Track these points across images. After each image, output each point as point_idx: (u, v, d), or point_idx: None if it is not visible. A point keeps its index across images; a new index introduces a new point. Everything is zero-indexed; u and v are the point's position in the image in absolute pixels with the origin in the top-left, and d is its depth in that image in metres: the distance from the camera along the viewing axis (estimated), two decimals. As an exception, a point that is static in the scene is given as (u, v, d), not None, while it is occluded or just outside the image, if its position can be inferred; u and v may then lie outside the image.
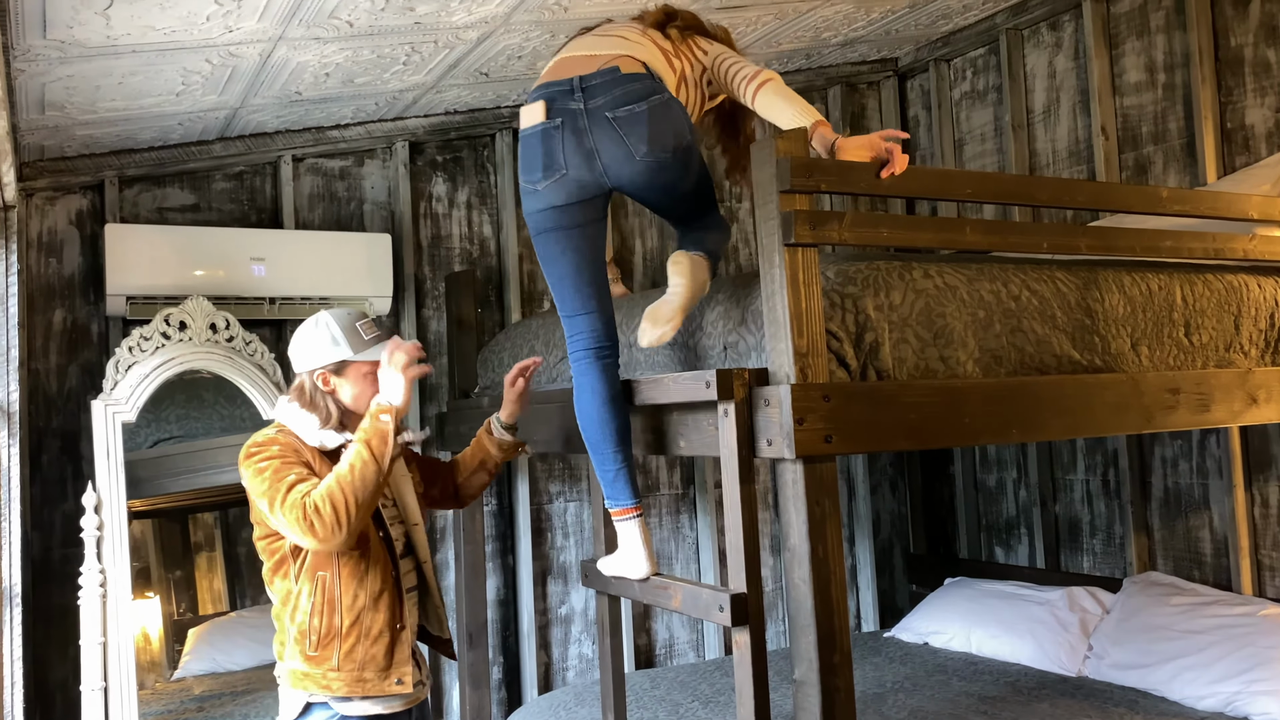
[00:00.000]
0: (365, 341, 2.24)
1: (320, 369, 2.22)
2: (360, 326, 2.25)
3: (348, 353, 2.21)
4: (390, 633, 2.20)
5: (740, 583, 2.12)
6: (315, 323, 2.26)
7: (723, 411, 2.15)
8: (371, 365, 2.24)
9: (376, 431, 2.09)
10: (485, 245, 4.11)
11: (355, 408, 2.25)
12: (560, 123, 2.23)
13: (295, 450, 2.16)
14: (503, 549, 4.05)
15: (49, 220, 3.39)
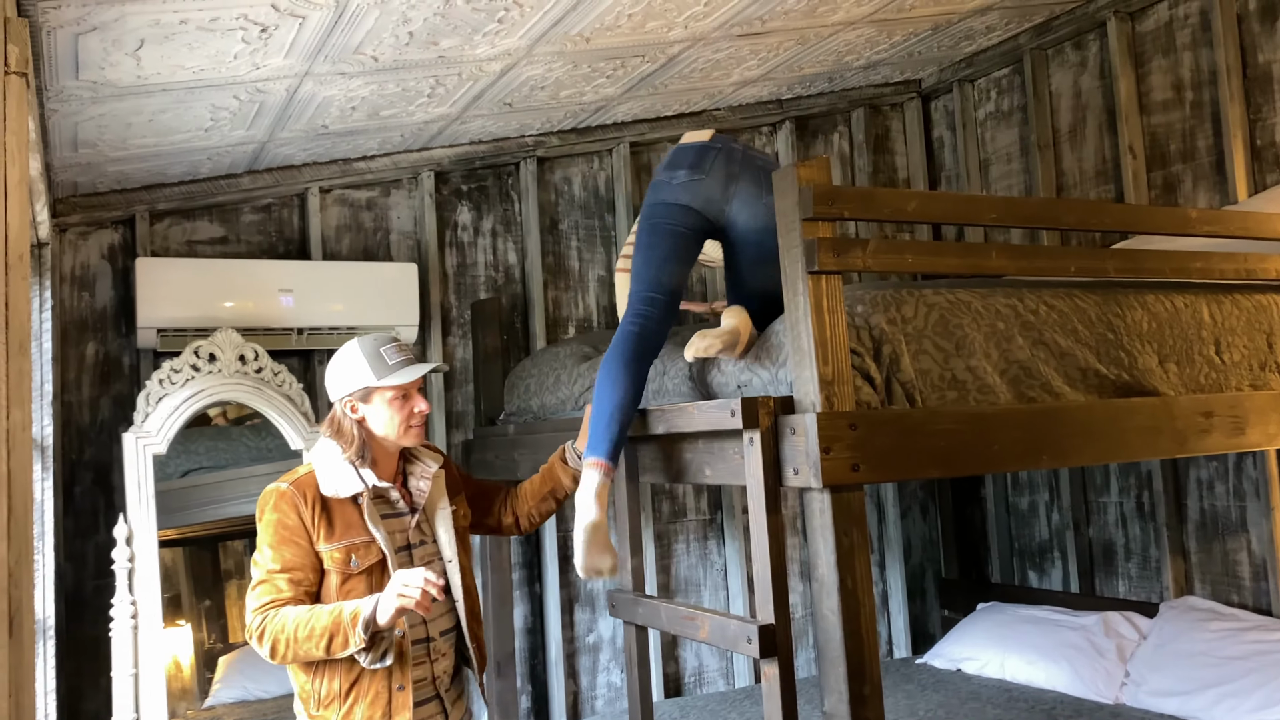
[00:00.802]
0: (389, 366, 2.23)
1: (347, 397, 2.23)
2: (385, 351, 2.25)
3: (371, 379, 2.21)
4: (388, 694, 2.16)
5: (768, 614, 2.11)
6: (344, 351, 2.27)
7: (748, 440, 2.14)
8: (397, 390, 2.24)
9: (344, 638, 2.05)
10: (510, 272, 4.13)
11: (384, 434, 2.25)
12: (720, 147, 2.55)
13: (289, 527, 2.13)
14: (529, 577, 4.04)
15: (81, 255, 3.44)
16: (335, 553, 2.16)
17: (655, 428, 2.43)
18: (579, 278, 4.25)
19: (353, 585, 2.17)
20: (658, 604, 2.46)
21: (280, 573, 2.13)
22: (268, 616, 2.09)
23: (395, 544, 2.24)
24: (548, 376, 3.44)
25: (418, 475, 2.34)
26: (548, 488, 2.54)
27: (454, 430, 3.93)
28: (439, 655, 2.27)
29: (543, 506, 2.55)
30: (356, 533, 2.18)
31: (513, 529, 2.56)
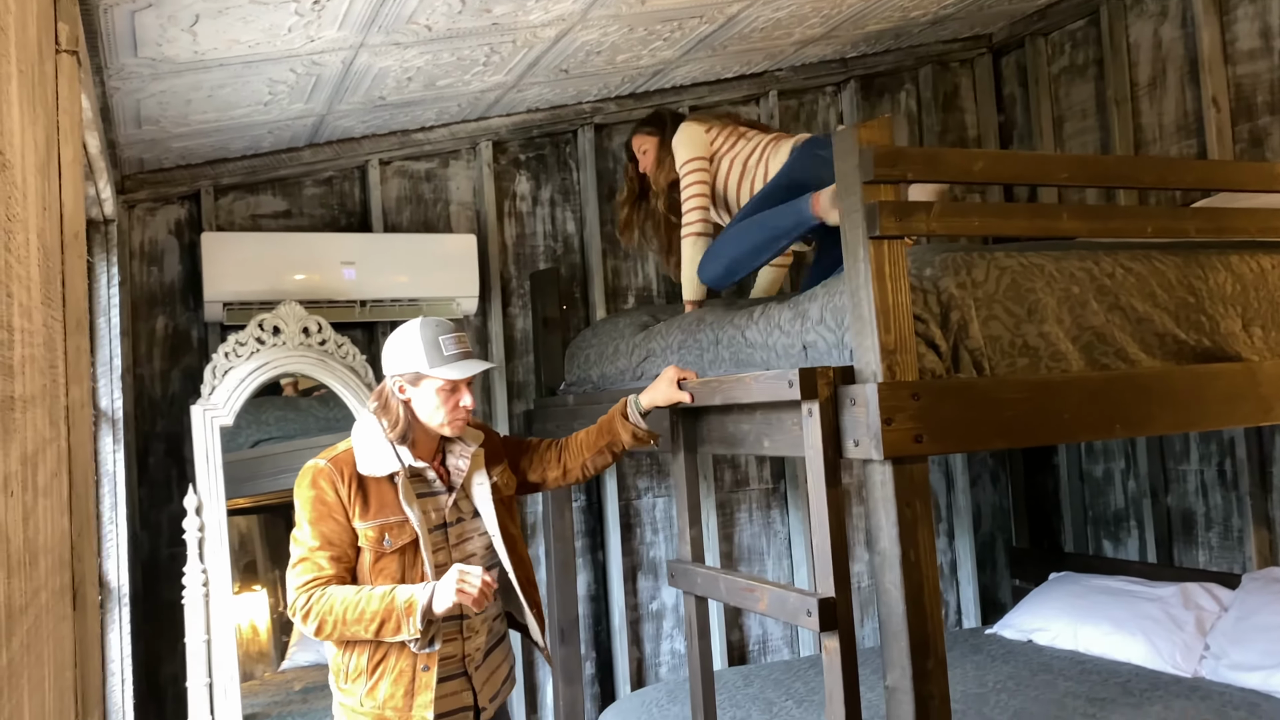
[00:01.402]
0: (444, 358, 2.22)
1: (398, 377, 2.24)
2: (443, 341, 2.23)
3: (424, 366, 2.21)
4: (412, 673, 2.17)
5: (828, 587, 2.07)
6: (405, 329, 2.27)
7: (806, 411, 2.09)
8: (447, 381, 2.23)
9: (397, 624, 2.08)
10: (569, 242, 4.11)
11: (426, 421, 2.25)
12: None
13: (327, 504, 2.15)
14: (592, 545, 4.05)
15: (150, 230, 3.50)
16: (369, 531, 2.17)
17: (712, 399, 2.39)
18: (638, 247, 4.21)
19: (385, 564, 2.18)
20: (716, 575, 2.43)
21: (320, 549, 2.15)
22: (314, 596, 2.12)
23: (430, 522, 2.24)
24: (607, 346, 3.42)
25: (456, 454, 2.33)
26: (605, 440, 2.50)
27: (515, 400, 3.94)
28: (471, 633, 2.28)
29: (598, 460, 2.51)
30: (391, 512, 2.19)
31: (560, 481, 2.53)
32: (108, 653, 2.54)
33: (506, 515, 2.38)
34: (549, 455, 2.51)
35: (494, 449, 2.44)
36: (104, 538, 2.56)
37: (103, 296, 2.59)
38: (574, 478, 2.52)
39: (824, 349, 2.28)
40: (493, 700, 2.34)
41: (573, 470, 2.50)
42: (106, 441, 2.57)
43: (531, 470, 2.50)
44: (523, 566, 2.39)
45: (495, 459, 2.42)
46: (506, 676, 2.43)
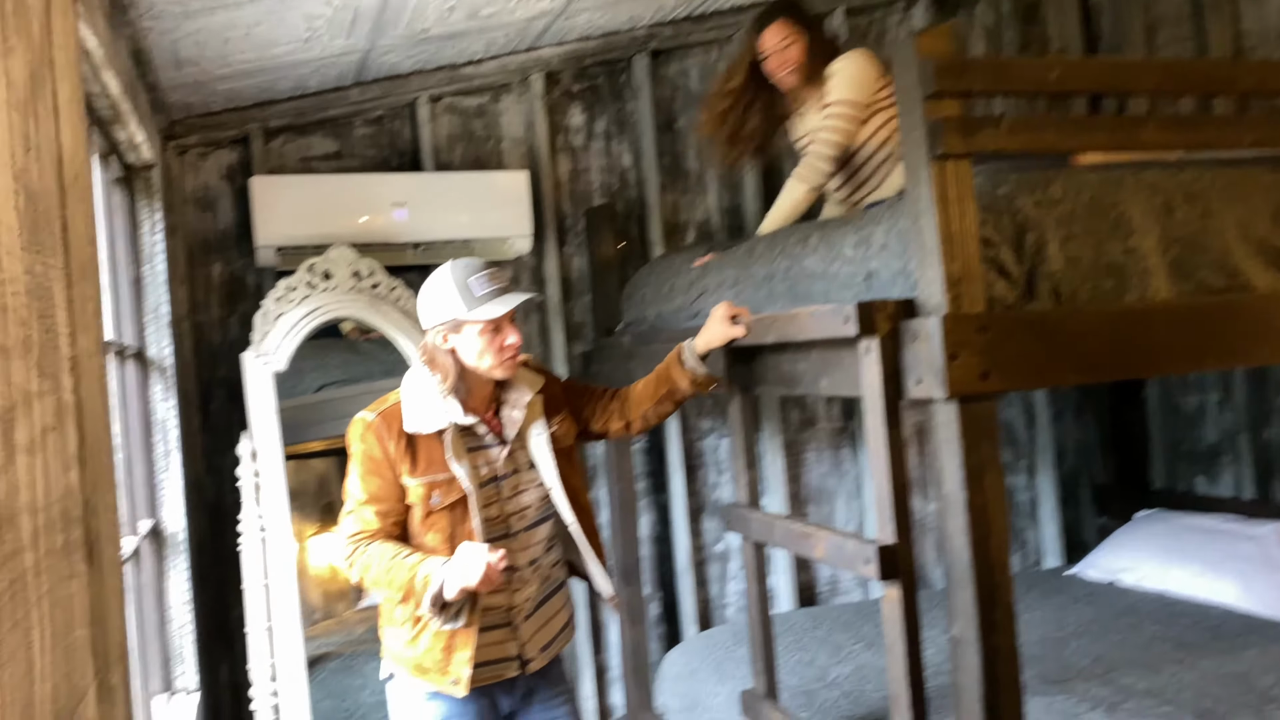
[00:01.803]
0: (478, 298, 2.11)
1: (439, 327, 2.15)
2: (474, 282, 2.13)
3: (460, 311, 2.11)
4: (451, 630, 2.12)
5: (889, 534, 1.95)
6: (434, 278, 2.18)
7: (865, 348, 1.96)
8: (487, 324, 2.14)
9: (418, 601, 2.04)
10: (625, 177, 3.98)
11: (476, 367, 2.17)
12: None
13: (374, 459, 2.11)
14: (655, 486, 3.98)
15: (202, 176, 3.48)
16: (418, 488, 2.12)
17: (765, 337, 2.27)
18: (698, 179, 4.06)
19: (435, 520, 2.13)
20: (772, 520, 2.33)
21: (367, 504, 2.12)
22: (357, 550, 2.10)
23: (482, 477, 2.18)
24: (662, 285, 3.30)
25: (511, 404, 2.25)
26: (663, 390, 2.39)
27: (573, 342, 3.86)
28: (521, 584, 2.22)
29: (659, 409, 2.41)
30: (439, 469, 2.12)
31: (622, 433, 2.44)
32: (167, 598, 2.56)
33: (567, 465, 2.30)
34: (612, 406, 2.42)
35: (554, 396, 2.35)
36: (158, 486, 2.56)
37: (147, 244, 2.56)
38: (637, 429, 2.43)
39: (888, 278, 2.13)
40: (543, 650, 2.29)
41: (635, 423, 2.42)
42: (158, 390, 2.56)
43: (595, 420, 2.42)
44: (585, 516, 2.31)
45: (555, 407, 2.33)
46: (564, 627, 2.38)
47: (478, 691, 2.20)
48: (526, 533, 2.22)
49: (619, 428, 2.42)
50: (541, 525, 2.26)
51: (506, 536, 2.19)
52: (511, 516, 2.20)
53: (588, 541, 2.28)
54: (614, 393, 2.44)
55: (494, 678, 2.21)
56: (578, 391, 2.43)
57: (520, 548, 2.21)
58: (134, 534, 2.30)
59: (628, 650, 3.69)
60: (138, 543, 2.31)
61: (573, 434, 2.36)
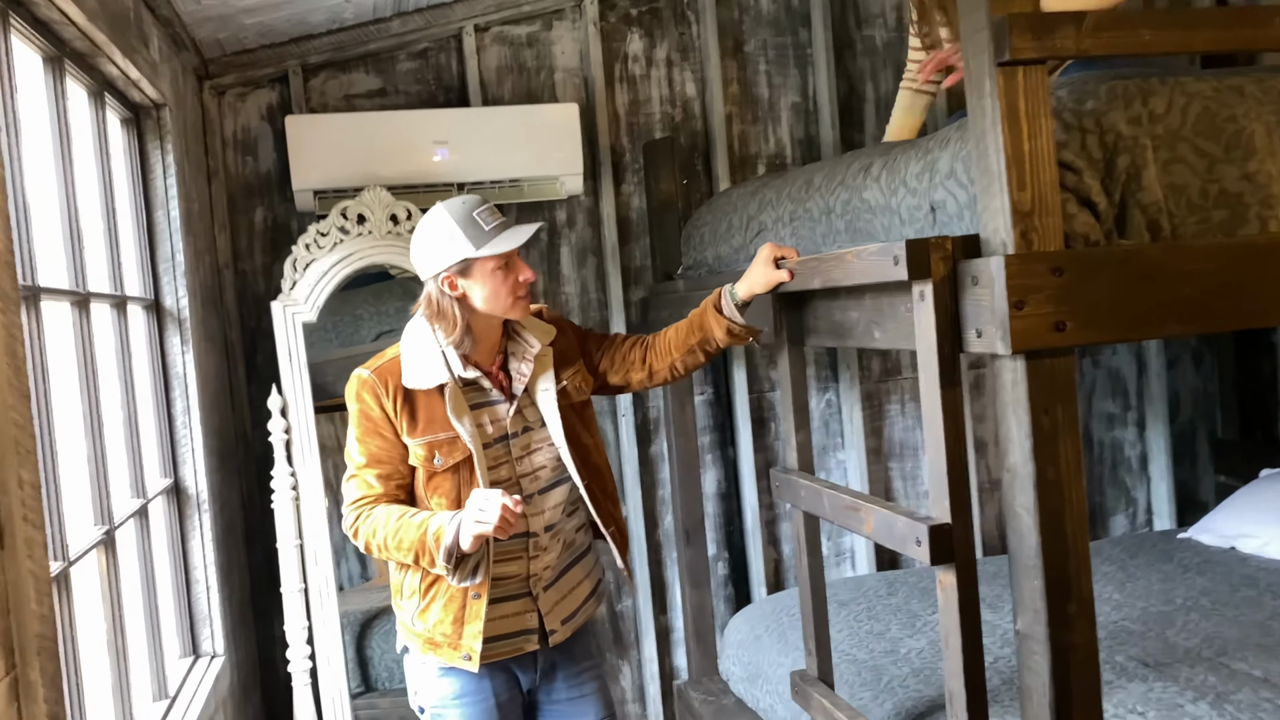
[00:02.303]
0: (487, 233, 1.93)
1: (444, 273, 1.95)
2: (479, 216, 1.94)
3: (469, 249, 1.92)
4: (463, 598, 1.97)
5: (943, 510, 1.68)
6: (430, 219, 1.98)
7: (918, 294, 1.68)
8: (499, 259, 1.94)
9: (430, 558, 1.89)
10: (689, 107, 3.69)
11: (489, 310, 1.97)
12: None
13: (372, 419, 1.95)
14: (722, 440, 3.74)
15: (242, 117, 3.34)
16: (419, 448, 1.95)
17: (811, 282, 1.99)
18: (769, 107, 3.75)
19: (439, 482, 1.96)
20: (819, 489, 2.08)
21: (367, 467, 1.96)
22: (361, 515, 1.95)
23: (488, 435, 1.99)
24: (720, 223, 3.04)
25: (519, 356, 2.05)
26: (696, 338, 2.15)
27: (631, 287, 3.63)
28: (538, 551, 2.03)
29: (689, 360, 2.18)
30: (440, 427, 1.94)
31: (645, 384, 2.22)
32: (190, 559, 2.47)
33: (578, 422, 2.10)
34: (633, 355, 2.19)
35: (567, 348, 2.14)
36: (178, 443, 2.46)
37: (159, 188, 2.43)
38: (661, 379, 2.20)
39: (954, 211, 1.84)
40: (566, 622, 2.11)
41: (659, 372, 2.18)
42: (174, 342, 2.45)
43: (613, 371, 2.19)
44: (599, 478, 2.11)
45: (567, 359, 2.12)
46: (589, 596, 2.19)
47: (495, 667, 2.04)
48: (541, 495, 2.04)
49: (641, 378, 2.19)
50: (558, 487, 2.06)
51: (544, 490, 2.02)
52: (524, 478, 2.02)
53: (594, 506, 2.08)
54: (637, 341, 2.21)
55: (512, 652, 2.05)
56: (595, 341, 2.21)
57: (535, 512, 2.02)
58: (141, 495, 2.19)
59: (689, 613, 3.50)
60: (141, 504, 2.20)
61: (588, 388, 2.14)
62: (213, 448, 2.79)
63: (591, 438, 2.13)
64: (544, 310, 2.18)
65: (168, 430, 2.43)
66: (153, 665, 2.17)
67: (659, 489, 3.68)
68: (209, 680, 2.34)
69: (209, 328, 2.94)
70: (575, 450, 2.06)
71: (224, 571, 2.67)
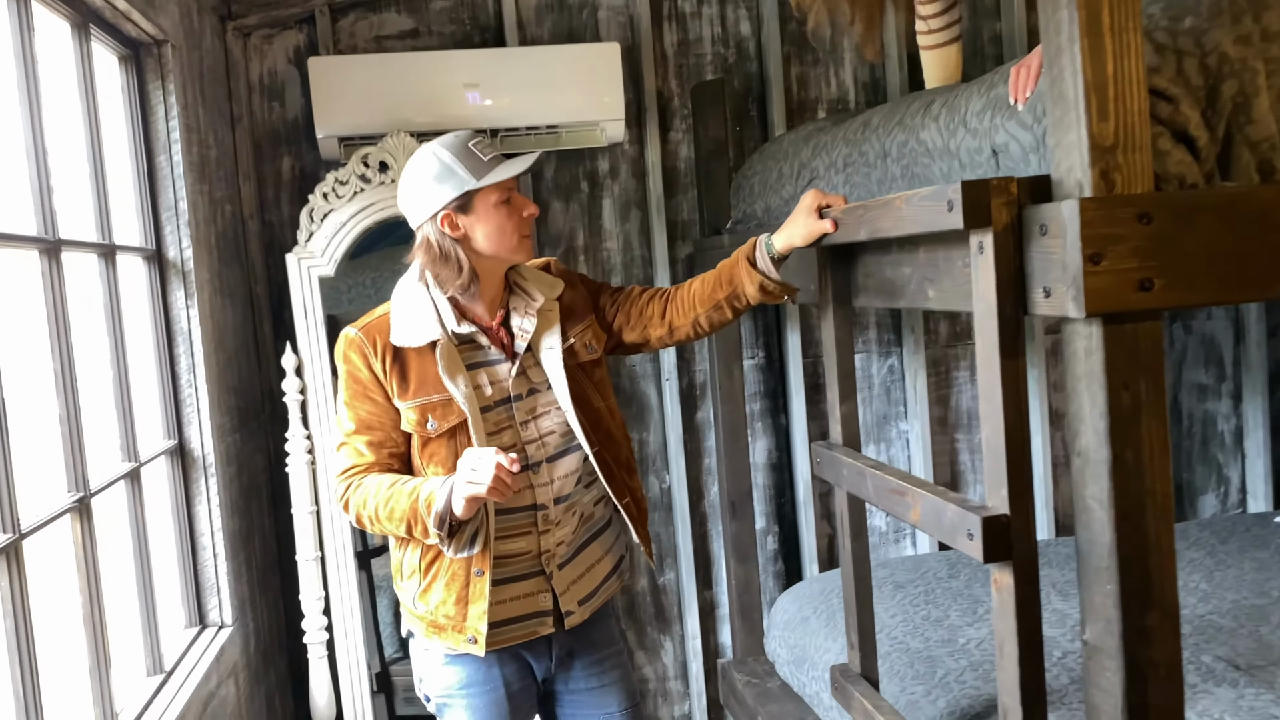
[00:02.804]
0: (485, 163, 1.75)
1: (442, 210, 1.76)
2: (475, 147, 1.76)
3: (469, 180, 1.73)
4: (465, 576, 1.79)
5: (1000, 499, 1.44)
6: (419, 158, 1.78)
7: (976, 246, 1.43)
8: (500, 192, 1.75)
9: (423, 527, 1.72)
10: (743, 47, 3.42)
11: (493, 251, 1.78)
12: None
13: (361, 381, 1.79)
14: (773, 407, 3.51)
15: (268, 61, 3.18)
16: (410, 412, 1.78)
17: (857, 232, 1.75)
18: (831, 48, 3.46)
19: (434, 449, 1.78)
20: (863, 468, 1.85)
21: (357, 434, 1.79)
22: (350, 486, 1.79)
23: (486, 398, 1.80)
24: (771, 172, 2.79)
25: (522, 311, 1.85)
26: (724, 293, 1.91)
27: (677, 243, 3.40)
28: (550, 525, 1.84)
29: (714, 316, 1.93)
30: (433, 388, 1.77)
31: (664, 342, 1.99)
32: (196, 525, 2.34)
33: (588, 383, 1.90)
34: (651, 309, 1.97)
35: (576, 302, 1.94)
36: (183, 402, 2.32)
37: (160, 131, 2.27)
38: (682, 336, 1.97)
39: (1019, 155, 1.59)
40: (584, 603, 1.92)
41: (680, 329, 1.96)
42: (178, 295, 2.30)
43: (629, 328, 1.98)
44: (611, 445, 1.91)
45: (577, 314, 1.92)
46: (609, 574, 2.00)
47: (505, 654, 1.87)
48: (550, 464, 1.85)
49: (660, 335, 1.97)
50: (568, 455, 1.87)
51: (526, 469, 1.82)
52: (530, 444, 1.83)
53: (606, 476, 1.89)
54: (656, 294, 1.99)
55: (524, 636, 1.87)
56: (609, 294, 2.00)
57: (543, 482, 1.84)
58: (132, 458, 2.06)
59: (735, 589, 3.30)
60: (131, 468, 2.07)
61: (600, 346, 1.94)
62: (230, 406, 2.66)
63: (604, 400, 1.92)
64: (552, 263, 1.98)
65: (171, 389, 2.30)
66: (147, 639, 2.05)
67: (704, 458, 3.47)
68: (212, 652, 2.22)
69: (228, 281, 2.81)
70: (584, 414, 1.86)
71: (238, 537, 2.54)
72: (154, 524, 2.31)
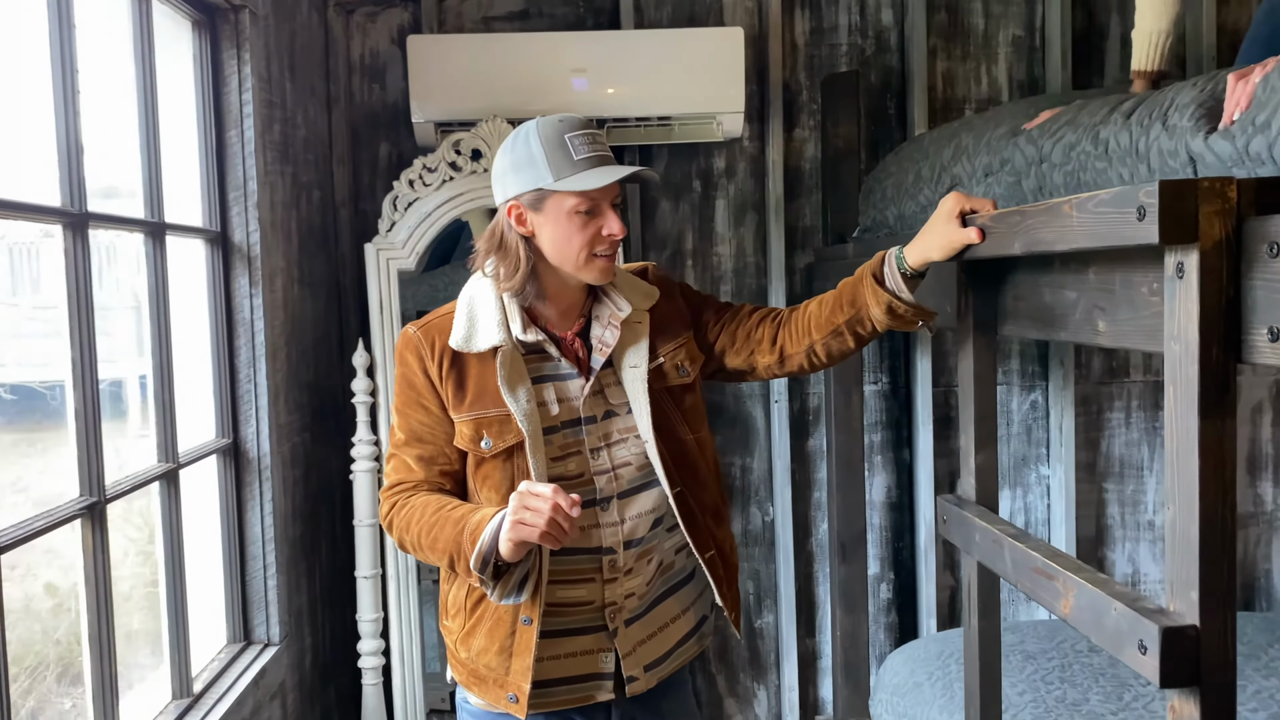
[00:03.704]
0: (575, 162, 1.46)
1: (512, 200, 1.50)
2: (572, 140, 1.47)
3: (545, 177, 1.46)
4: (510, 625, 1.53)
5: (1188, 605, 1.08)
6: (516, 134, 1.52)
7: (1174, 268, 1.08)
8: (581, 200, 1.48)
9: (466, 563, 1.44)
10: (883, 38, 3.08)
11: (559, 263, 1.52)
12: None
13: (415, 386, 1.55)
14: (896, 440, 3.15)
15: (371, 40, 3.00)
16: (464, 426, 1.52)
17: (1009, 245, 1.41)
18: (983, 40, 3.08)
19: (488, 471, 1.52)
20: (1001, 536, 1.50)
21: (407, 445, 1.55)
22: (396, 505, 1.55)
23: (553, 418, 1.53)
24: (906, 174, 2.45)
25: (604, 321, 1.58)
26: (845, 316, 1.58)
27: (797, 252, 3.08)
28: (617, 573, 1.56)
29: (834, 344, 1.61)
30: (491, 401, 1.51)
31: (774, 371, 1.67)
32: (247, 532, 2.16)
33: (675, 411, 1.61)
34: (760, 332, 1.66)
35: (672, 316, 1.65)
36: (240, 397, 2.14)
37: (233, 105, 2.10)
38: (795, 367, 1.66)
39: (1218, 169, 1.23)
40: (651, 669, 1.63)
41: (793, 357, 1.64)
42: (241, 283, 2.12)
43: (733, 351, 1.67)
44: (696, 486, 1.61)
45: (670, 330, 1.63)
46: (687, 636, 1.70)
47: (553, 717, 1.60)
48: (622, 501, 1.56)
49: (769, 363, 1.66)
50: (646, 492, 1.59)
51: (595, 504, 1.55)
52: (600, 476, 1.55)
53: (685, 521, 1.59)
54: (768, 315, 1.68)
55: (576, 701, 1.60)
56: (713, 310, 1.70)
57: (612, 521, 1.55)
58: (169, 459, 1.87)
59: (839, 641, 2.96)
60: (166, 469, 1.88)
61: (694, 368, 1.64)
62: (301, 404, 2.48)
63: (693, 432, 1.63)
64: (650, 269, 1.70)
65: (228, 382, 2.12)
66: (174, 657, 1.87)
67: (814, 490, 3.13)
68: (251, 673, 2.02)
69: (312, 270, 2.63)
70: (667, 446, 1.57)
71: (299, 546, 2.35)
72: (201, 529, 2.13)
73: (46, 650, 1.73)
